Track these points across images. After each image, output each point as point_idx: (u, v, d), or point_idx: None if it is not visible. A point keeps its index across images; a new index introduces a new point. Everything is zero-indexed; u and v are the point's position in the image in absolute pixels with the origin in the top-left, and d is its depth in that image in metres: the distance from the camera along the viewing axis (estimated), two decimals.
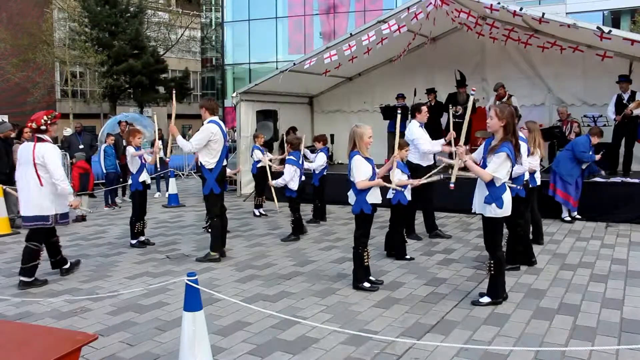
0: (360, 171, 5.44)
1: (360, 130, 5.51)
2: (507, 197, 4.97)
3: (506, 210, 4.96)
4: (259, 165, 10.11)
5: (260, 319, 4.80)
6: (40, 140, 5.98)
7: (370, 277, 5.76)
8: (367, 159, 5.50)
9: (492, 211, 4.94)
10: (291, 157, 8.23)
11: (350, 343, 4.27)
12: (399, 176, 6.66)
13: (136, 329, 4.68)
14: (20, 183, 5.99)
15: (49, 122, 6.04)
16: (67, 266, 6.45)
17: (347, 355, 4.08)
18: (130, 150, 7.85)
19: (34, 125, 6.00)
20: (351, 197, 5.61)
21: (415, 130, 7.74)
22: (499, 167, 4.86)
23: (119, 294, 5.61)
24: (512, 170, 5.07)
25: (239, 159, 12.84)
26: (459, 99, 11.80)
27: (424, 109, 7.96)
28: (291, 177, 8.08)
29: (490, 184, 4.92)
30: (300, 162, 8.34)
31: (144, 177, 7.85)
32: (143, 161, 7.88)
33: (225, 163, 7.03)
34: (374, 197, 5.53)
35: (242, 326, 4.69)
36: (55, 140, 8.62)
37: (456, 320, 4.77)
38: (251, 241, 8.13)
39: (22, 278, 5.95)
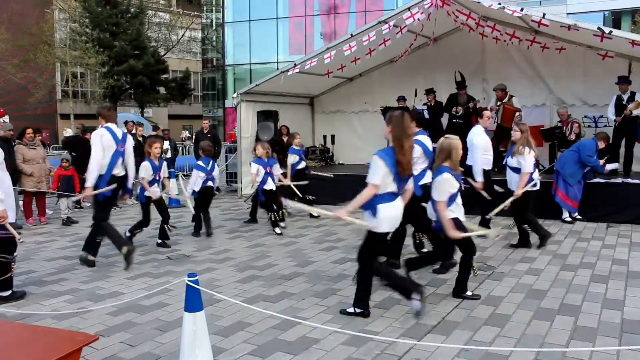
0: (445, 191, 5.08)
1: (457, 142, 5.19)
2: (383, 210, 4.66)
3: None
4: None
5: (261, 320, 4.80)
6: None
7: None
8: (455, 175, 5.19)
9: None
10: (200, 163, 8.62)
11: (351, 344, 4.27)
12: None
13: (137, 329, 4.68)
14: None
15: None
16: (6, 294, 5.44)
17: (348, 355, 4.08)
18: (144, 167, 7.78)
19: None
20: (430, 211, 5.39)
21: (480, 136, 7.67)
22: (370, 173, 4.63)
23: (120, 294, 5.62)
24: (391, 173, 4.59)
25: (240, 159, 12.85)
26: (459, 101, 11.81)
27: (486, 113, 7.82)
28: (194, 183, 8.47)
29: None
30: (209, 167, 8.55)
31: (151, 192, 7.76)
32: (157, 177, 7.83)
33: (118, 171, 6.74)
34: (453, 213, 5.20)
35: (243, 327, 4.69)
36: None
37: (457, 320, 4.77)
38: (252, 242, 8.13)
39: None
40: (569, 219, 9.08)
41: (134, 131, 12.65)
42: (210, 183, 8.58)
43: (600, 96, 11.28)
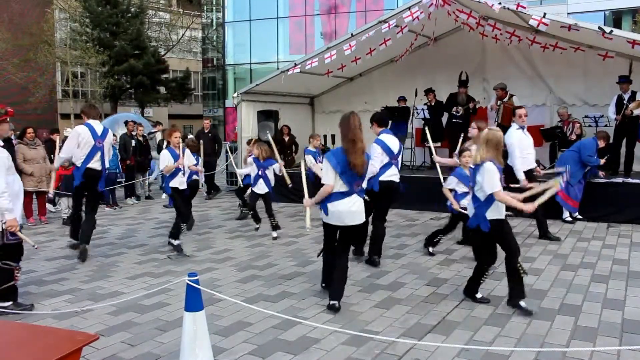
0: (496, 179, 4.78)
1: (501, 134, 4.94)
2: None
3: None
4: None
5: (261, 319, 4.80)
6: None
7: None
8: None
9: None
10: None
11: (351, 343, 4.27)
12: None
13: (137, 329, 4.68)
14: None
15: None
16: (5, 304, 5.11)
17: (348, 355, 4.08)
18: (164, 155, 7.38)
19: None
20: (470, 209, 5.10)
21: (513, 135, 7.62)
22: (323, 173, 5.16)
23: (120, 294, 5.62)
24: (336, 172, 5.01)
25: (240, 158, 12.82)
26: (458, 99, 11.80)
27: (518, 112, 7.77)
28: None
29: None
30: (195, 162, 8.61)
31: (177, 182, 7.39)
32: (180, 167, 7.40)
33: (96, 165, 7.20)
34: (496, 212, 4.90)
35: (243, 326, 4.69)
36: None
37: (457, 320, 4.77)
38: (252, 241, 8.13)
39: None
40: (570, 219, 9.08)
41: (134, 131, 12.65)
42: (195, 177, 8.62)
43: (600, 96, 11.27)
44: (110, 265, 6.82)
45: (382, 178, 6.56)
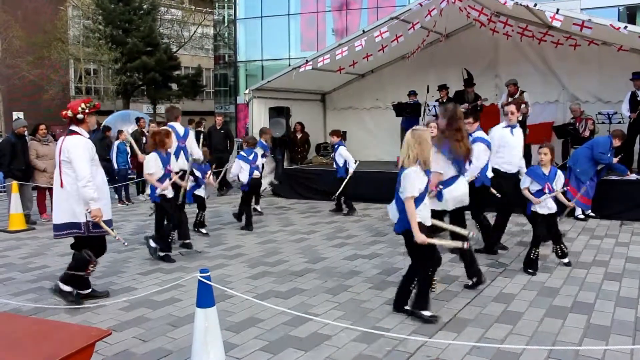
0: (414, 184, 4.46)
1: (426, 134, 4.58)
2: None
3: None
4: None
5: (272, 316, 4.81)
6: (71, 132, 5.16)
7: None
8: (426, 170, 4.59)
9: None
10: (242, 153, 8.93)
11: (362, 340, 4.27)
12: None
13: (149, 324, 4.72)
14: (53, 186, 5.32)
15: (86, 110, 5.18)
16: (86, 291, 5.42)
17: (359, 352, 4.09)
18: (150, 159, 6.73)
19: (69, 113, 5.15)
20: (393, 212, 4.73)
21: (491, 131, 7.15)
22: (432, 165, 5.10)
23: (133, 289, 5.66)
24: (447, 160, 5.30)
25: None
26: (467, 99, 11.71)
27: (506, 108, 7.22)
28: (238, 172, 8.83)
29: None
30: (252, 158, 8.86)
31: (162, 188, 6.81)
32: (167, 171, 6.83)
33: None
34: (419, 217, 4.53)
35: (254, 322, 4.71)
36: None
37: (469, 318, 4.75)
38: (263, 238, 8.15)
39: (59, 284, 5.24)
40: (582, 216, 9.01)
41: (146, 128, 12.73)
42: (256, 172, 8.88)
43: (614, 92, 11.16)
44: (122, 261, 6.87)
45: (489, 173, 6.69)
